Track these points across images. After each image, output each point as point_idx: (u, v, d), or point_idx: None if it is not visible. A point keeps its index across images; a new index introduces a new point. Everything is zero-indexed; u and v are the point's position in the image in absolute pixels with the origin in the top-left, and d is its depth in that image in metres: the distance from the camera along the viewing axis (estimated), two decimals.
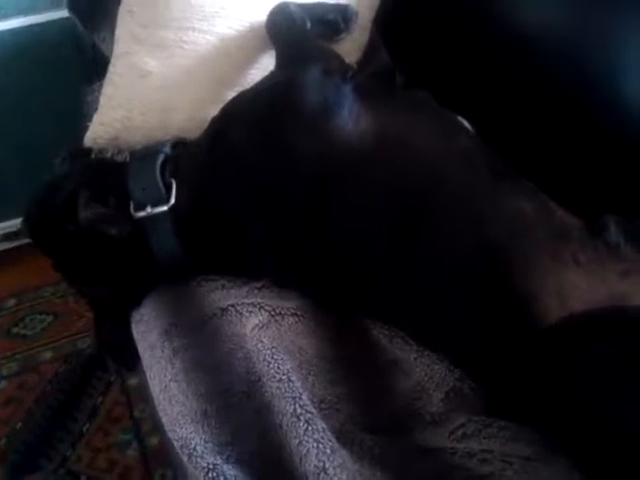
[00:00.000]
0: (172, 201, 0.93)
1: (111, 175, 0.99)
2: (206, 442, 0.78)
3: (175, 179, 0.95)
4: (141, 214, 0.93)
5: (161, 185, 0.94)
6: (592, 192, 0.95)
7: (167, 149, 0.99)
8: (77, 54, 1.45)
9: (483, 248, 0.82)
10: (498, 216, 0.83)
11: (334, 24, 1.13)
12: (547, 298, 0.78)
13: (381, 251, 0.86)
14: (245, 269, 0.99)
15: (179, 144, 1.02)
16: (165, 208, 0.93)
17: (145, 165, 0.97)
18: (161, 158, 0.97)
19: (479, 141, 0.93)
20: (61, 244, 0.99)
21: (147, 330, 0.95)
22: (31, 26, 1.55)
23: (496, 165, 0.90)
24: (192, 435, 0.78)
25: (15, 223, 1.84)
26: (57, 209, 0.96)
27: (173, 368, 0.87)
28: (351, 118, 0.89)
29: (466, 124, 0.96)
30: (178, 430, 0.80)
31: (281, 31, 1.08)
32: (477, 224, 0.83)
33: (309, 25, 1.09)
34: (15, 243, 1.87)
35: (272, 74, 1.01)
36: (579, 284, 0.78)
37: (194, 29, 1.08)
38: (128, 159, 1.08)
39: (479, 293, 0.81)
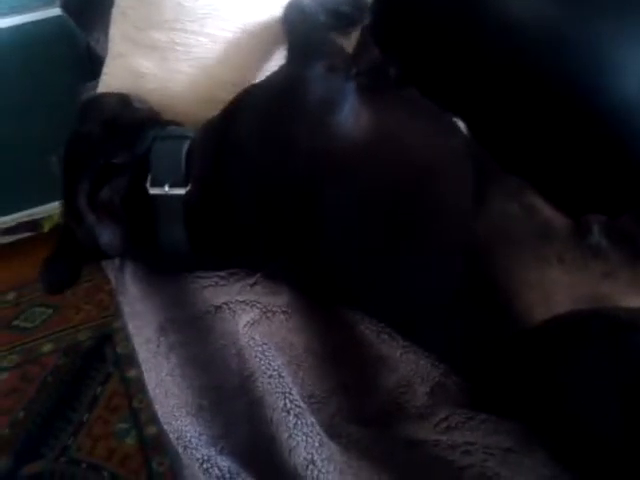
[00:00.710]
0: (189, 186, 0.93)
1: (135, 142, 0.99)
2: (200, 434, 0.80)
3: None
4: (156, 191, 0.94)
5: (184, 167, 0.94)
6: (580, 188, 0.97)
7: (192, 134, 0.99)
8: (71, 52, 1.46)
9: (468, 246, 0.84)
10: (483, 216, 0.85)
11: (348, 15, 1.13)
12: (530, 294, 0.79)
13: (371, 245, 0.88)
14: (242, 261, 1.00)
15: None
16: (182, 192, 0.93)
17: (171, 145, 0.97)
18: (187, 143, 0.97)
19: (470, 140, 0.95)
20: None
21: (143, 325, 0.97)
22: (26, 24, 1.54)
23: (485, 165, 0.91)
24: (187, 428, 0.81)
25: (14, 217, 1.85)
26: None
27: (169, 363, 0.89)
28: (352, 114, 0.91)
29: (459, 123, 0.97)
30: (173, 422, 0.82)
31: (295, 25, 1.09)
32: (462, 223, 0.85)
33: (323, 18, 1.10)
34: (15, 237, 1.89)
35: (281, 69, 1.02)
36: (562, 282, 0.80)
37: (185, 30, 1.09)
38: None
39: (463, 290, 0.83)
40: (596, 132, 0.97)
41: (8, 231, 1.86)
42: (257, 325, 0.91)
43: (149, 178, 0.94)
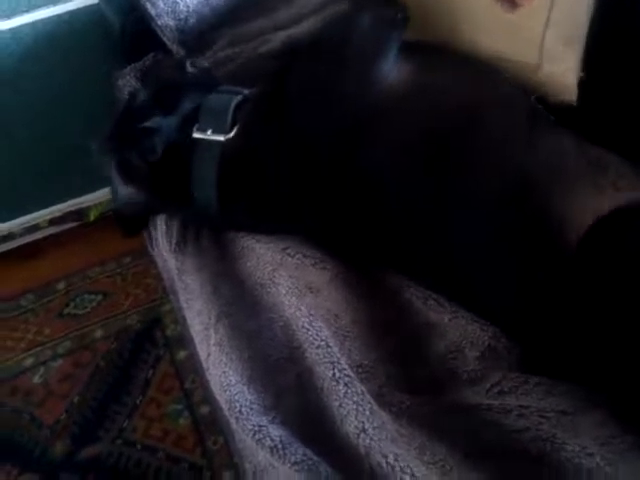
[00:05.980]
0: (231, 134, 0.95)
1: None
2: (252, 404, 0.81)
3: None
4: (199, 135, 0.95)
5: (230, 117, 0.96)
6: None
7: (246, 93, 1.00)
8: (108, 41, 1.47)
9: (521, 185, 0.83)
10: (536, 153, 0.85)
11: None
12: (586, 221, 0.78)
13: (419, 192, 0.87)
14: (271, 225, 1.01)
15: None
16: (222, 138, 0.94)
17: (222, 99, 0.99)
18: (239, 98, 0.98)
19: (521, 91, 0.95)
20: None
21: (193, 298, 0.99)
22: (62, 14, 1.56)
23: (536, 110, 0.92)
24: (237, 397, 0.82)
25: (60, 208, 1.89)
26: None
27: (217, 334, 0.90)
28: (397, 64, 0.92)
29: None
30: (225, 393, 0.83)
31: None
32: (514, 163, 0.85)
33: None
34: (61, 227, 1.93)
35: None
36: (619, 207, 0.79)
37: None
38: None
39: (518, 233, 0.82)
40: None
41: (55, 221, 1.90)
42: (302, 297, 0.90)
43: (196, 126, 0.96)
